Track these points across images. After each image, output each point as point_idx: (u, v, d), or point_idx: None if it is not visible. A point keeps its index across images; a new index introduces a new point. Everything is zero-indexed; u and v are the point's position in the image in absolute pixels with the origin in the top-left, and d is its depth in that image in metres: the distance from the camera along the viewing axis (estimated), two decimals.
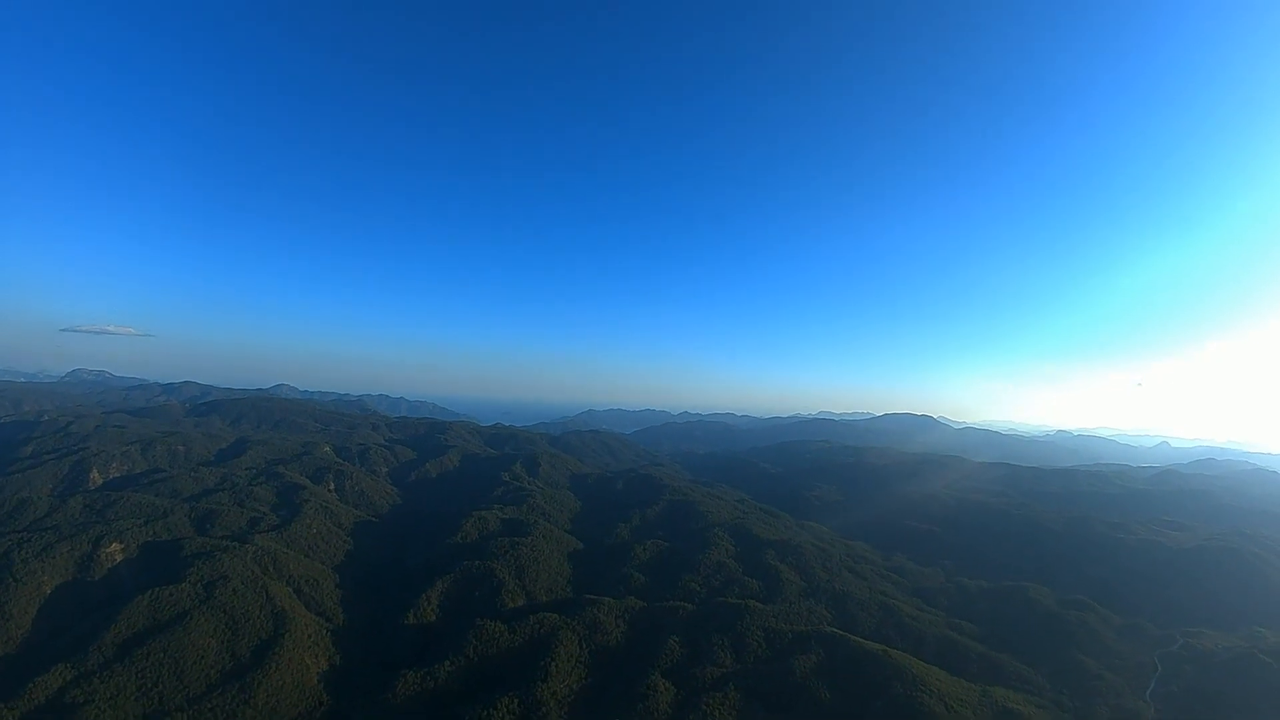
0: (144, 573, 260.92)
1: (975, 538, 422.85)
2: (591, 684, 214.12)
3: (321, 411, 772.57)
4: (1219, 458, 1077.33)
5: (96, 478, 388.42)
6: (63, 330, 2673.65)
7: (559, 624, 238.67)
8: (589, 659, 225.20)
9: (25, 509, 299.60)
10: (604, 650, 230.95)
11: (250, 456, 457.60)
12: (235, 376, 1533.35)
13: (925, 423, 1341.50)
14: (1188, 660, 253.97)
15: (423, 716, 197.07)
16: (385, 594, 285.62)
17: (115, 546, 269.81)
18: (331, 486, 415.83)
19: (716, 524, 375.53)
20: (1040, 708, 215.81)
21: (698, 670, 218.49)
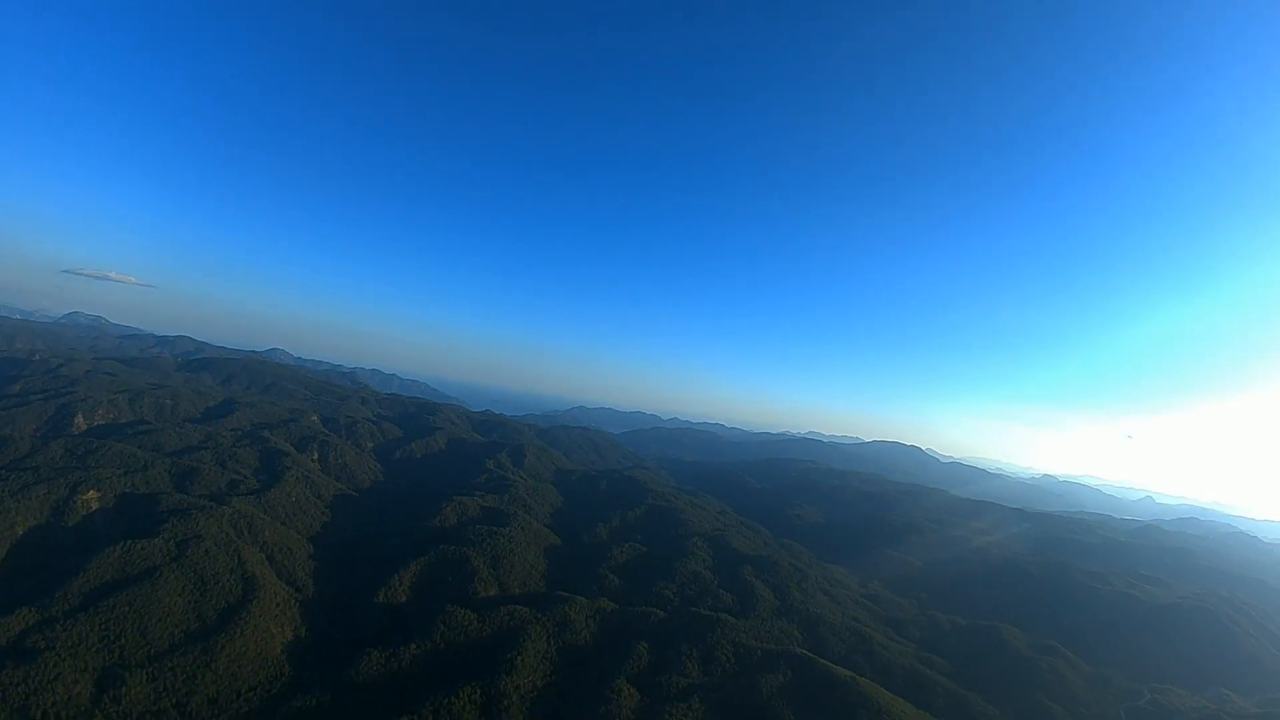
0: (118, 524, 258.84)
1: (952, 573, 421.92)
2: (556, 682, 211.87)
3: (313, 380, 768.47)
4: (1201, 517, 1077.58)
5: (81, 423, 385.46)
6: (64, 271, 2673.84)
7: (529, 618, 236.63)
8: (556, 656, 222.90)
9: (5, 447, 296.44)
10: (572, 649, 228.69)
11: (237, 418, 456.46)
12: (230, 336, 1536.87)
13: (913, 453, 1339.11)
14: (1154, 717, 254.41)
15: (384, 697, 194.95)
16: (358, 570, 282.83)
17: (92, 494, 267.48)
18: (315, 456, 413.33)
19: (696, 533, 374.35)
20: None
21: (664, 679, 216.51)
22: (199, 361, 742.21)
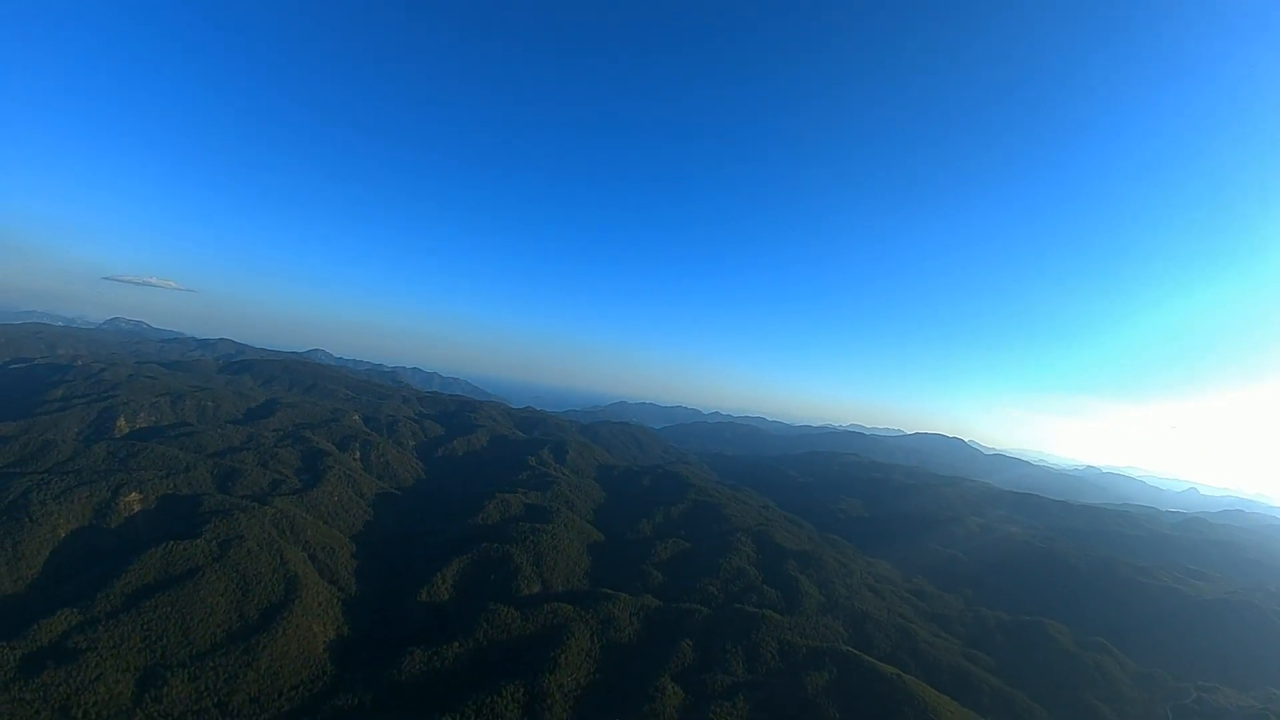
0: (160, 525, 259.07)
1: (997, 567, 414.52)
2: (599, 680, 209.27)
3: (354, 380, 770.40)
4: (1247, 509, 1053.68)
5: (123, 426, 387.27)
6: (105, 278, 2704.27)
7: (573, 615, 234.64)
8: (599, 654, 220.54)
9: (49, 451, 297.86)
10: (616, 647, 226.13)
11: (278, 418, 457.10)
12: (271, 338, 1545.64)
13: (955, 445, 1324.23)
14: (1201, 715, 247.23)
15: (427, 696, 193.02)
16: (400, 568, 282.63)
17: (134, 496, 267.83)
18: (357, 455, 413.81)
19: (740, 529, 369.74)
20: None
21: (708, 677, 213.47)
22: (240, 364, 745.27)
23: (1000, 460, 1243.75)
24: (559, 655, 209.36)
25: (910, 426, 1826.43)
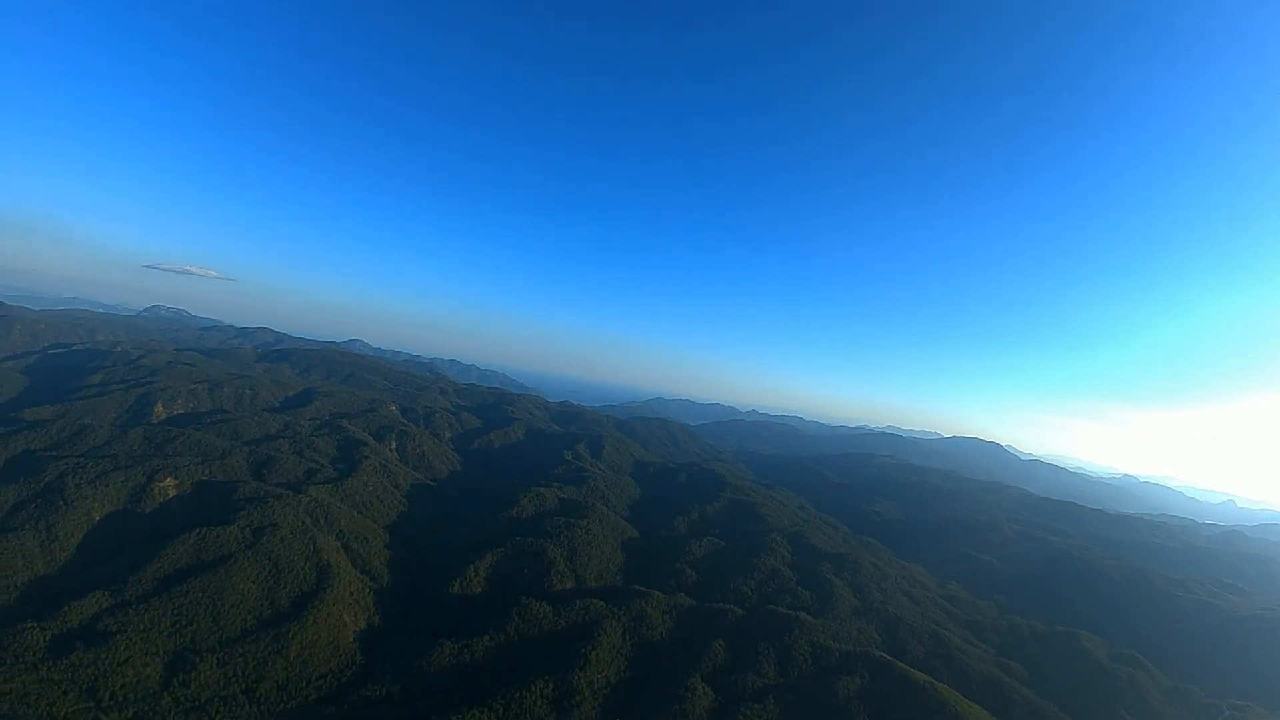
0: (194, 511, 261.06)
1: (1031, 576, 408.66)
2: (630, 678, 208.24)
3: (391, 370, 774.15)
4: None
5: (160, 412, 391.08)
6: (146, 267, 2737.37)
7: (605, 612, 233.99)
8: (631, 652, 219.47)
9: (85, 435, 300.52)
10: (648, 645, 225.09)
11: (315, 407, 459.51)
12: (311, 328, 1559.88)
13: (992, 450, 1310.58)
14: None
15: (455, 689, 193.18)
16: (433, 560, 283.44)
17: (169, 482, 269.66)
18: (393, 446, 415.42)
19: (775, 529, 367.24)
20: None
21: (739, 678, 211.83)
22: (278, 352, 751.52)
23: (1036, 466, 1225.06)
24: (590, 652, 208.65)
25: (947, 429, 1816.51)
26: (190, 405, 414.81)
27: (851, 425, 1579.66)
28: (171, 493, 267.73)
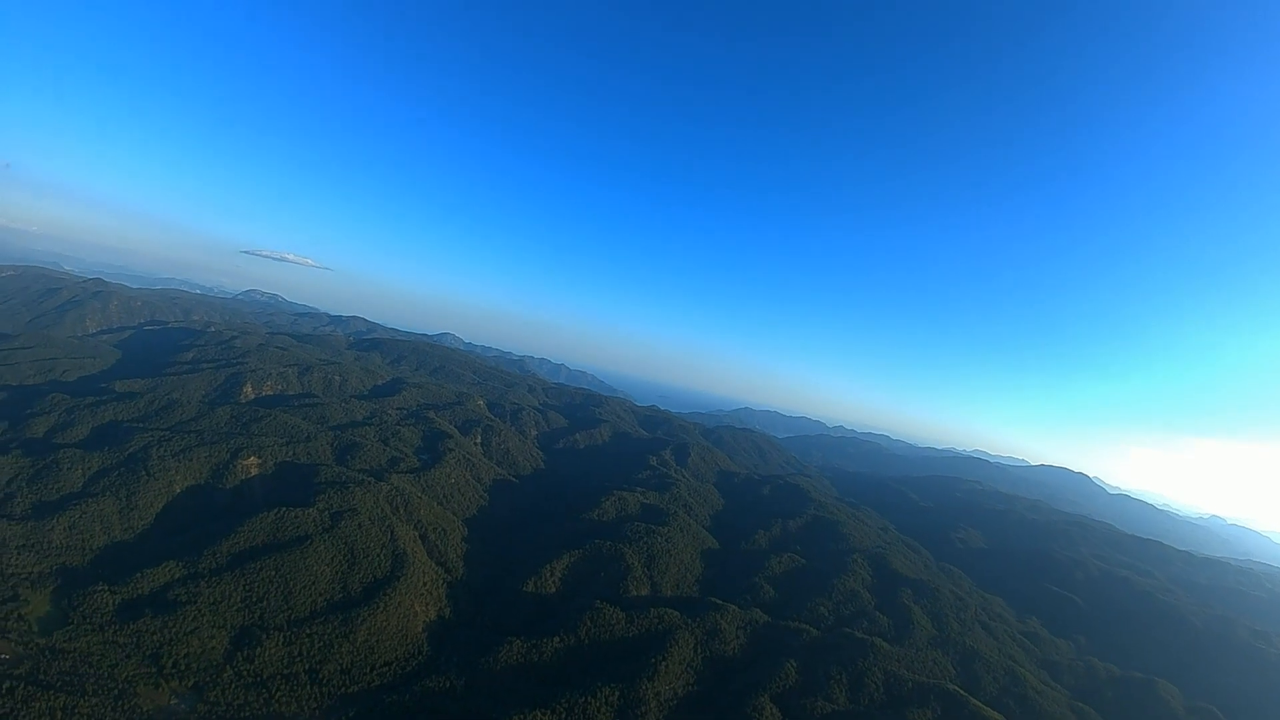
0: (275, 491, 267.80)
1: (1112, 616, 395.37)
2: (698, 692, 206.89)
3: (482, 365, 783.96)
4: None
5: (249, 392, 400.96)
6: (244, 252, 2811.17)
7: (678, 623, 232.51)
8: (701, 665, 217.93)
9: (173, 410, 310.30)
10: (719, 659, 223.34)
11: (403, 397, 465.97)
12: (404, 319, 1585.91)
13: (1080, 481, 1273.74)
14: None
15: (520, 688, 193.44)
16: (510, 556, 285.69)
17: (252, 460, 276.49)
18: (478, 440, 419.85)
19: (857, 549, 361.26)
20: None
21: (809, 702, 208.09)
22: (370, 341, 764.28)
23: (1124, 502, 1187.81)
24: (660, 662, 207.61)
25: (1034, 457, 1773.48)
26: (279, 387, 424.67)
27: (939, 447, 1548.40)
28: (254, 471, 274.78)
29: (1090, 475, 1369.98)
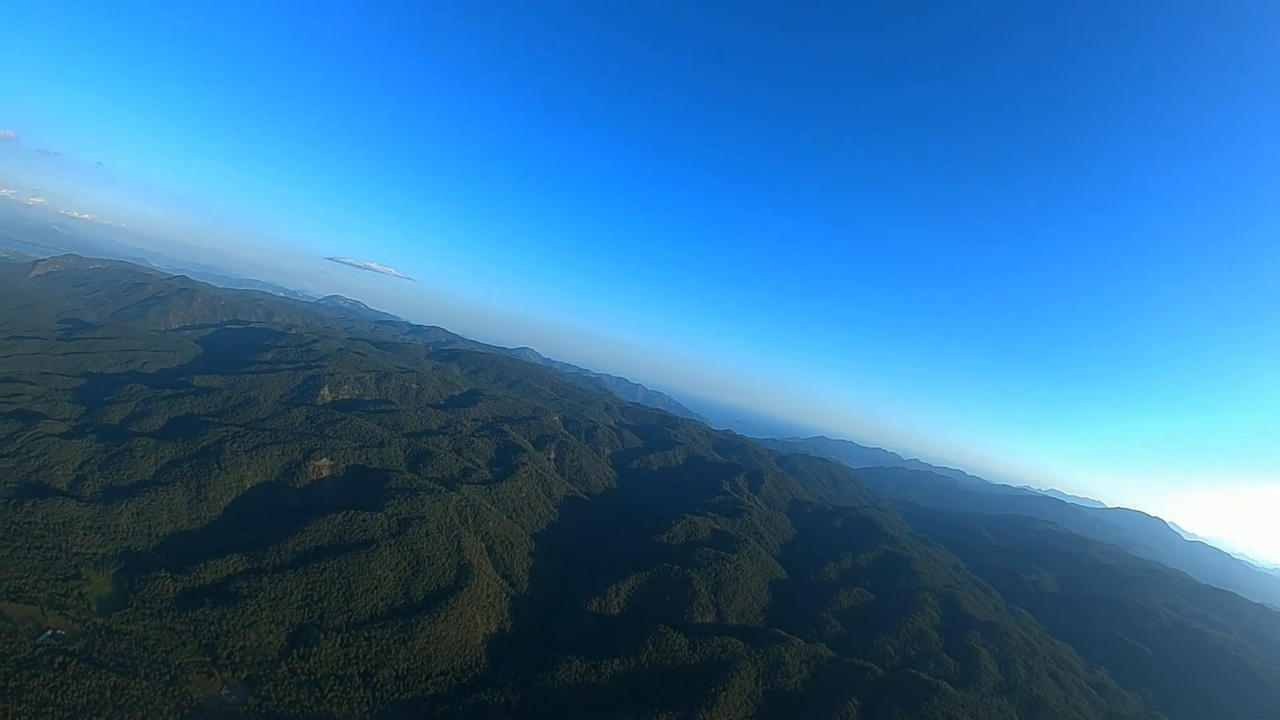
0: (345, 493, 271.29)
1: (1183, 669, 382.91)
2: None
3: (559, 381, 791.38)
4: None
5: (326, 395, 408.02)
6: (328, 259, 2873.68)
7: (742, 653, 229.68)
8: (762, 698, 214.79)
9: (249, 407, 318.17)
10: (780, 693, 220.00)
11: (479, 409, 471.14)
12: (484, 332, 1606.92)
13: (1155, 526, 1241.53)
14: None
15: (576, 709, 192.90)
16: (575, 574, 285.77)
17: (324, 462, 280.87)
18: (552, 455, 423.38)
19: (927, 588, 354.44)
20: None
21: None
22: (449, 352, 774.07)
23: (1200, 550, 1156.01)
24: (720, 692, 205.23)
25: (1109, 499, 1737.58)
26: (356, 392, 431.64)
27: (1014, 485, 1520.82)
28: (325, 473, 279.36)
29: (1166, 520, 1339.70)
